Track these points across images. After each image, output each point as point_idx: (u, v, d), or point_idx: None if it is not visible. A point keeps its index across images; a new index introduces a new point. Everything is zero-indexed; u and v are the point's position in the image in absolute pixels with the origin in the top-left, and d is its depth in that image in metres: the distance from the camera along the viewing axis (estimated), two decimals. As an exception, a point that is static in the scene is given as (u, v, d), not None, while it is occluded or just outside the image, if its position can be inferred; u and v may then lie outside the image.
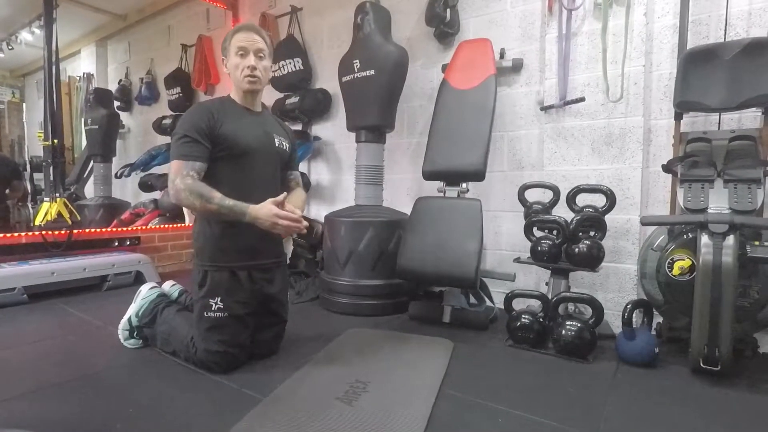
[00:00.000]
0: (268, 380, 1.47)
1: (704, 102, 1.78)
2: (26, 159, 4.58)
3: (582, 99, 2.15)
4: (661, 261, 1.71)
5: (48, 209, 2.80)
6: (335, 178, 3.34)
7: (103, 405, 1.33)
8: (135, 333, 1.80)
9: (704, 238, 1.54)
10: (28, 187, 4.23)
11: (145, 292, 1.85)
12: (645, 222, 1.74)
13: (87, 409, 1.31)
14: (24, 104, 6.94)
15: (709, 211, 1.61)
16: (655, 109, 2.09)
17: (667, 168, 1.82)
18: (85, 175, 4.78)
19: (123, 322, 1.81)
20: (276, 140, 1.73)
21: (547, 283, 2.06)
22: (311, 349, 1.78)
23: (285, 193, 1.53)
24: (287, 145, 1.79)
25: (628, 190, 2.07)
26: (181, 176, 1.46)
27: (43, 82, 2.88)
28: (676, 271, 1.64)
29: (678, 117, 1.91)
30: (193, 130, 1.51)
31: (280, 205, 1.47)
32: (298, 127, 3.41)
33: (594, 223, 1.95)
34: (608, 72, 2.06)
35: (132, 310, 1.81)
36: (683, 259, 1.63)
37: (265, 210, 1.45)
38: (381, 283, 2.34)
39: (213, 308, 1.56)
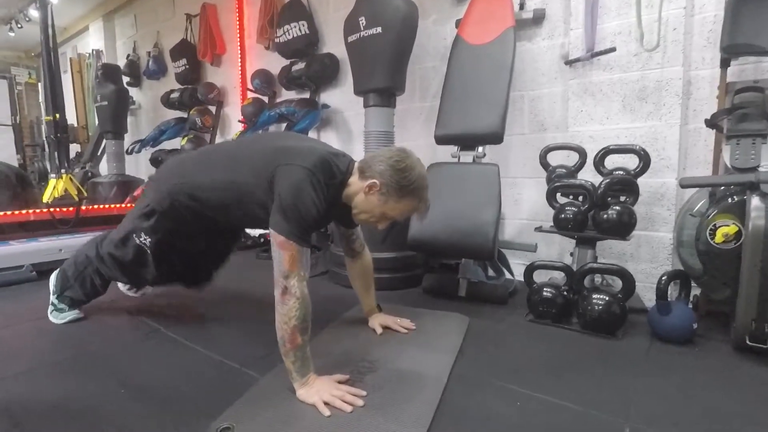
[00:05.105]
0: (268, 359, 1.39)
1: (758, 44, 1.56)
2: (44, 139, 4.61)
3: (612, 49, 1.94)
4: (702, 228, 1.54)
5: (55, 185, 2.76)
6: (345, 148, 3.16)
7: (97, 385, 1.27)
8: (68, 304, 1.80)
9: (755, 201, 1.37)
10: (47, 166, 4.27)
11: None
12: (685, 184, 1.56)
13: (79, 388, 1.26)
14: (40, 84, 6.95)
15: (761, 169, 1.44)
16: (696, 57, 1.87)
17: (711, 123, 1.63)
18: (99, 153, 4.78)
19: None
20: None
21: (571, 254, 1.92)
22: (317, 325, 1.67)
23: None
24: None
25: (663, 150, 1.88)
26: (299, 278, 1.19)
27: (41, 57, 2.80)
28: (719, 238, 1.47)
29: (725, 64, 1.70)
30: (310, 215, 1.24)
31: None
32: (306, 95, 3.27)
33: (625, 186, 1.78)
34: (643, 17, 1.84)
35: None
36: (728, 225, 1.46)
37: (328, 384, 1.19)
38: (393, 255, 2.23)
39: (142, 239, 1.59)
